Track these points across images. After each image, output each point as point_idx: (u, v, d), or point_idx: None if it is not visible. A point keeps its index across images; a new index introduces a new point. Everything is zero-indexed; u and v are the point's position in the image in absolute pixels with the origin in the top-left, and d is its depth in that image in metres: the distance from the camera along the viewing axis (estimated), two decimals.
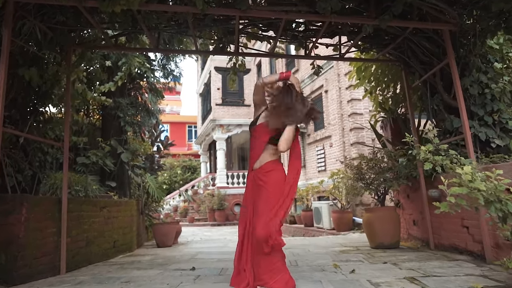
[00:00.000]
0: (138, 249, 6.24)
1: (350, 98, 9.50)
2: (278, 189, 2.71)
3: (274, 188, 2.69)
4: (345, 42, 4.90)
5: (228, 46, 4.67)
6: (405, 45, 4.42)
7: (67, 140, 4.05)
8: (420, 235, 5.12)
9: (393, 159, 5.16)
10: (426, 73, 4.44)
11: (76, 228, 4.24)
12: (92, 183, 5.74)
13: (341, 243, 5.94)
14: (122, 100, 7.03)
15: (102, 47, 4.51)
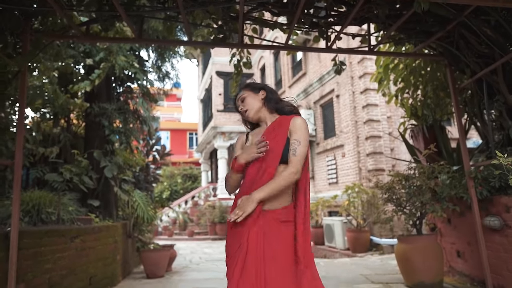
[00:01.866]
0: (124, 281, 5.26)
1: (366, 103, 8.54)
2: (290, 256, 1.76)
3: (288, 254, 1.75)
4: (373, 32, 3.96)
5: (231, 37, 3.73)
6: (456, 34, 3.47)
7: (19, 156, 3.09)
8: (467, 271, 4.13)
9: (432, 177, 4.18)
10: (481, 69, 3.48)
11: (33, 270, 3.28)
12: (69, 204, 4.80)
13: (365, 275, 4.95)
14: (108, 105, 6.10)
15: (68, 37, 3.57)
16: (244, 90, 2.04)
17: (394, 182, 4.33)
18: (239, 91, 2.07)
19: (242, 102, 2.01)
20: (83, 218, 4.88)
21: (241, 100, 2.02)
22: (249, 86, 2.05)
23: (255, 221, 1.72)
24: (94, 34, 3.59)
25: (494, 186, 3.61)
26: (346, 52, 3.92)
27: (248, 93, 2.02)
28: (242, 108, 2.01)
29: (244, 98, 2.01)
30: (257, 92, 2.01)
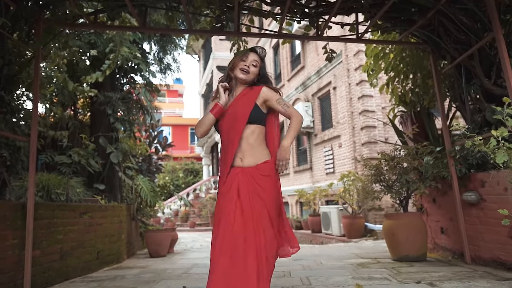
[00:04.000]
0: (128, 260, 5.58)
1: (361, 94, 8.81)
2: (277, 205, 2.12)
3: (273, 203, 2.08)
4: (361, 21, 4.24)
5: (228, 26, 4.01)
6: (436, 22, 3.74)
7: (34, 134, 3.40)
8: (450, 246, 4.41)
9: (418, 157, 4.46)
10: (460, 55, 3.76)
11: (47, 239, 3.59)
12: (76, 186, 5.10)
13: (356, 254, 5.24)
14: (112, 94, 6.39)
15: (78, 26, 3.86)
16: (260, 61, 2.27)
17: (382, 163, 4.61)
18: (255, 52, 2.28)
19: (253, 66, 2.22)
20: (90, 199, 5.19)
21: (254, 64, 2.22)
22: (263, 62, 2.30)
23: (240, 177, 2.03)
24: (101, 23, 3.87)
25: (472, 163, 3.89)
26: (335, 40, 4.20)
27: (258, 66, 2.26)
28: (247, 67, 2.19)
29: (256, 66, 2.24)
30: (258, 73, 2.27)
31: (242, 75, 2.20)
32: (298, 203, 11.90)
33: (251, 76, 2.23)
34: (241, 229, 1.91)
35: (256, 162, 2.07)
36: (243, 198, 1.99)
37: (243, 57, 2.25)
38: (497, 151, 1.74)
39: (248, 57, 2.24)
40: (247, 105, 2.11)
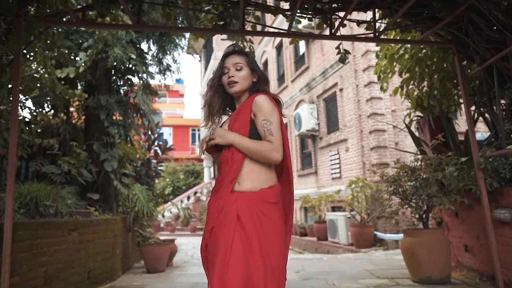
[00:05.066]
0: (124, 276, 5.18)
1: (370, 96, 8.39)
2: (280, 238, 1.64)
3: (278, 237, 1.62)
4: (378, 19, 3.83)
5: (231, 24, 3.61)
6: (465, 19, 3.33)
7: (13, 144, 2.99)
8: (476, 266, 4.01)
9: (439, 168, 4.05)
10: (492, 56, 3.35)
11: (28, 262, 3.20)
12: (67, 197, 4.71)
13: (370, 270, 4.84)
14: (108, 97, 5.99)
15: (64, 23, 3.47)
16: (244, 58, 1.82)
17: (400, 175, 4.21)
18: (232, 53, 1.83)
19: (237, 71, 1.78)
20: (82, 211, 4.79)
21: (237, 68, 1.78)
22: (247, 57, 1.83)
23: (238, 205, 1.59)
24: (90, 20, 3.47)
25: (504, 177, 3.49)
26: (351, 39, 3.80)
27: (244, 64, 1.80)
28: (232, 76, 1.77)
29: (242, 68, 1.79)
30: (251, 72, 1.82)
31: (232, 89, 1.78)
32: (303, 208, 11.50)
33: (242, 82, 1.79)
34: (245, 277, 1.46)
35: (259, 186, 1.63)
36: (246, 228, 1.54)
37: (223, 69, 1.82)
38: None
39: (227, 65, 1.81)
40: (244, 124, 1.69)
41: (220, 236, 1.55)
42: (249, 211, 1.58)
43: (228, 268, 1.43)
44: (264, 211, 1.60)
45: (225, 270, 1.43)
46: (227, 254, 1.46)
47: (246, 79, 1.79)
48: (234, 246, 1.48)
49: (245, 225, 1.54)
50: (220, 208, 1.63)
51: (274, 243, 1.58)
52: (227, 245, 1.49)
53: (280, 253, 1.61)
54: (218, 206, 1.64)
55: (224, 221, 1.57)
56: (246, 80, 1.79)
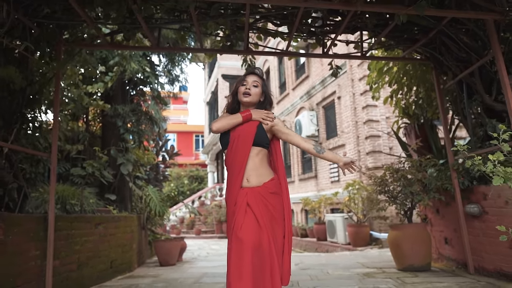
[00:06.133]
0: (139, 268, 5.72)
1: (366, 104, 8.95)
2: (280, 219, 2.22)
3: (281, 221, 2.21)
4: (366, 39, 4.40)
5: (237, 45, 4.18)
6: (437, 41, 3.89)
7: (55, 150, 3.57)
8: (454, 256, 4.52)
9: (421, 170, 4.59)
10: (461, 72, 3.90)
11: (65, 249, 3.74)
12: (89, 197, 5.26)
13: (362, 263, 5.35)
14: (123, 107, 6.58)
15: (96, 46, 4.06)
16: (260, 80, 2.34)
17: (386, 175, 4.74)
18: (253, 73, 2.36)
19: (254, 87, 2.30)
20: (103, 210, 5.35)
21: (254, 85, 2.30)
22: (263, 80, 2.37)
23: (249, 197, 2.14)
24: (117, 43, 4.06)
25: (474, 176, 4.02)
26: (341, 57, 4.35)
27: (260, 86, 2.32)
28: (248, 89, 2.28)
29: (257, 86, 2.31)
30: (261, 92, 2.35)
31: (246, 98, 2.29)
32: (303, 211, 12.01)
33: (254, 97, 2.31)
34: (256, 239, 2.01)
35: (262, 181, 2.18)
36: (256, 212, 2.08)
37: (243, 81, 2.34)
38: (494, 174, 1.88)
39: (248, 80, 2.32)
40: (252, 128, 2.22)
41: (237, 217, 2.10)
42: (256, 201, 2.13)
43: (240, 230, 1.99)
44: (268, 199, 2.16)
45: (238, 231, 2.00)
46: (241, 223, 2.03)
47: (256, 95, 2.33)
48: (246, 220, 2.06)
49: (254, 210, 2.10)
50: (234, 201, 2.18)
51: (276, 222, 2.15)
52: (241, 219, 2.05)
53: (281, 230, 2.17)
54: (233, 199, 2.20)
55: (239, 210, 2.13)
56: (256, 96, 2.33)
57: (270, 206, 2.15)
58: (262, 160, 2.24)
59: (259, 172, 2.20)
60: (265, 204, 2.14)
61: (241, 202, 2.14)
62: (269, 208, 2.15)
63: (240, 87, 2.34)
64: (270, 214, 2.14)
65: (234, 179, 2.20)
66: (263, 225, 2.06)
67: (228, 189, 2.27)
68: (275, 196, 2.20)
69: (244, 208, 2.11)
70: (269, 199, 2.16)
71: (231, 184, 2.23)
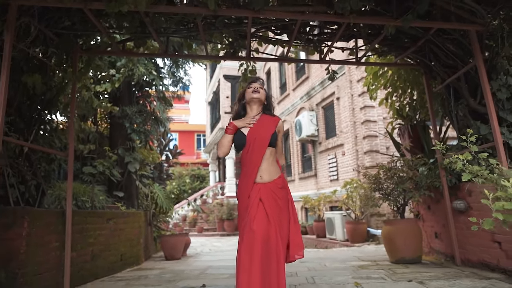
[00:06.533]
0: (146, 262, 6.02)
1: (363, 105, 9.24)
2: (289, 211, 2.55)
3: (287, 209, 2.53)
4: (361, 45, 4.68)
5: (240, 51, 4.48)
6: (426, 48, 4.18)
7: (71, 150, 3.87)
8: (443, 249, 4.81)
9: (413, 168, 4.88)
10: (449, 77, 4.19)
11: (81, 242, 4.05)
12: (99, 194, 5.56)
13: (358, 257, 5.65)
14: (130, 108, 6.88)
15: (109, 53, 4.36)
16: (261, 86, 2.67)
17: (380, 173, 5.03)
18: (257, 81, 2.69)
19: (260, 88, 2.63)
20: (112, 206, 5.65)
21: (260, 87, 2.65)
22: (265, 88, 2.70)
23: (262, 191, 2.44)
24: (128, 50, 4.35)
25: (461, 174, 4.30)
26: (337, 63, 4.64)
27: (263, 90, 2.66)
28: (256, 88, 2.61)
29: (262, 88, 2.65)
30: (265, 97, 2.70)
31: (256, 95, 2.62)
32: (304, 208, 12.30)
33: (262, 95, 2.65)
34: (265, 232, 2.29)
35: (272, 178, 2.49)
36: (266, 207, 2.38)
37: (248, 86, 2.69)
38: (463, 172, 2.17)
39: (253, 84, 2.68)
40: (268, 132, 2.53)
41: (250, 210, 2.39)
42: (267, 196, 2.43)
43: (253, 222, 2.30)
44: (277, 193, 2.47)
45: (252, 222, 2.30)
46: (254, 215, 2.33)
47: (263, 95, 2.67)
48: (258, 214, 2.35)
49: (265, 205, 2.40)
50: (248, 194, 2.47)
51: (282, 212, 2.46)
52: (254, 212, 2.35)
53: (286, 217, 2.49)
54: (246, 193, 2.48)
55: (252, 204, 2.41)
56: (263, 95, 2.67)
57: (278, 199, 2.46)
58: (273, 159, 2.56)
59: (270, 170, 2.51)
60: (274, 198, 2.44)
61: (254, 196, 2.43)
62: (278, 202, 2.45)
63: (248, 89, 2.67)
64: (279, 207, 2.44)
65: (248, 175, 2.49)
66: (272, 219, 2.35)
67: (242, 184, 2.55)
68: (282, 190, 2.52)
69: (257, 202, 2.40)
70: (278, 193, 2.48)
71: (246, 180, 2.51)
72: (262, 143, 2.50)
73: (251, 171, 2.48)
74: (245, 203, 2.45)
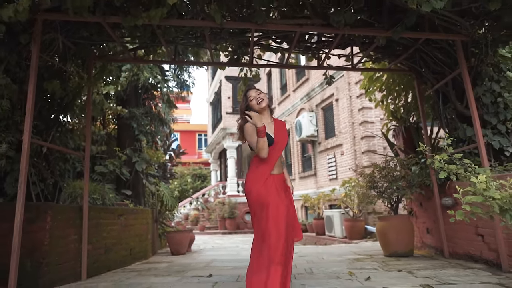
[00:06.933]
0: (153, 257, 6.34)
1: (361, 106, 9.54)
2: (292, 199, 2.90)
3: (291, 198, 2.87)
4: (357, 52, 4.99)
5: (243, 58, 4.78)
6: (417, 56, 4.49)
7: (88, 150, 4.19)
8: (434, 244, 5.12)
9: (405, 167, 5.19)
10: (438, 83, 4.50)
11: (95, 236, 4.36)
12: (109, 192, 5.87)
13: (354, 251, 5.96)
14: (136, 110, 7.20)
15: (121, 60, 4.67)
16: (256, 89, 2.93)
17: (375, 172, 5.34)
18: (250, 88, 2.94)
19: (259, 94, 2.86)
20: (121, 204, 5.96)
21: (258, 93, 2.88)
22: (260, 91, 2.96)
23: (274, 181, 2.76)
24: (139, 57, 4.66)
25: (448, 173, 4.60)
26: (334, 69, 4.95)
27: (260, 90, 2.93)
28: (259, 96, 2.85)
29: (260, 93, 2.88)
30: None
31: (263, 104, 2.85)
32: (304, 207, 12.61)
33: (266, 99, 2.89)
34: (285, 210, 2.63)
35: (280, 172, 2.84)
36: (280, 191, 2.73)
37: (249, 98, 2.89)
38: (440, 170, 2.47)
39: (252, 94, 2.89)
40: (286, 135, 2.91)
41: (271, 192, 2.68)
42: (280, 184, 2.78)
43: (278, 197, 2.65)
44: (282, 183, 2.83)
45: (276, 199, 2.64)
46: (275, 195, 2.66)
47: (266, 98, 2.90)
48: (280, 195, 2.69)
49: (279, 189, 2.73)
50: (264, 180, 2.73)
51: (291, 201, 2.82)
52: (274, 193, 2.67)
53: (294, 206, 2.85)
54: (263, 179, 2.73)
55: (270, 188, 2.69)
56: (267, 99, 2.90)
57: (286, 188, 2.85)
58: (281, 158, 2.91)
59: (279, 166, 2.85)
60: (282, 186, 2.81)
61: (270, 183, 2.73)
62: (285, 190, 2.83)
63: (250, 102, 2.89)
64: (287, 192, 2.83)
65: (267, 168, 2.76)
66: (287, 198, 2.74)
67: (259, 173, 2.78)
68: (284, 182, 2.88)
69: (275, 187, 2.72)
70: (283, 184, 2.85)
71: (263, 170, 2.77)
72: (283, 144, 2.85)
73: (270, 165, 2.76)
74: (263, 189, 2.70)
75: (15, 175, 3.81)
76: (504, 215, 2.16)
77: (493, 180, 2.26)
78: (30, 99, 3.11)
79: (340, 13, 3.43)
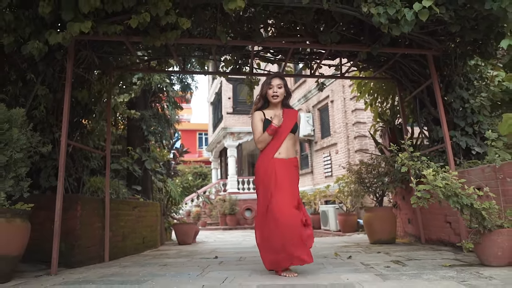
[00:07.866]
0: (162, 246, 6.96)
1: (354, 108, 10.16)
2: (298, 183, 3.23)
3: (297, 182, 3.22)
4: (345, 62, 5.60)
5: (244, 67, 5.40)
6: (396, 66, 5.11)
7: (108, 149, 4.82)
8: (413, 232, 5.75)
9: (389, 164, 5.81)
10: (415, 90, 5.11)
11: (115, 224, 4.98)
12: (122, 187, 6.50)
13: (344, 241, 6.59)
14: (145, 112, 7.82)
15: (137, 70, 5.28)
16: (282, 82, 3.11)
17: (362, 169, 5.97)
18: (276, 76, 3.15)
19: (279, 88, 3.08)
20: (133, 198, 6.58)
21: (279, 87, 3.08)
22: (284, 81, 3.17)
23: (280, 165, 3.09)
24: (152, 67, 5.28)
25: None
26: (324, 77, 5.57)
27: (282, 85, 3.10)
28: (276, 92, 3.08)
29: (281, 87, 3.10)
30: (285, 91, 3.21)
31: (274, 100, 3.12)
32: None
33: (280, 97, 3.18)
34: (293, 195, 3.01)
35: (288, 156, 3.12)
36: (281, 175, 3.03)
37: (269, 85, 3.10)
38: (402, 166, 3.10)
39: (273, 83, 3.10)
40: (291, 122, 3.15)
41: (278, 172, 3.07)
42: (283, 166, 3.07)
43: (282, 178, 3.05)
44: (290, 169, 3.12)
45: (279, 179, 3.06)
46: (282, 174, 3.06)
47: (282, 95, 3.22)
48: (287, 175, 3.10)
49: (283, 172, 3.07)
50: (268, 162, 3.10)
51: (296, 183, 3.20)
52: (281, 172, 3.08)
53: (298, 190, 3.22)
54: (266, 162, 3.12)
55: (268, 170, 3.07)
56: (282, 95, 3.21)
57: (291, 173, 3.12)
58: (292, 143, 3.21)
59: (287, 150, 3.13)
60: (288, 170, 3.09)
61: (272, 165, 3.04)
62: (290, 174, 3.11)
63: (268, 90, 3.14)
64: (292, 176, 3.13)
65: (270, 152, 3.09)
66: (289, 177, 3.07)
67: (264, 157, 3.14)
68: (295, 169, 3.19)
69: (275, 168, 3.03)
70: (291, 169, 3.13)
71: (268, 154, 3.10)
72: (285, 130, 3.11)
73: (273, 149, 3.09)
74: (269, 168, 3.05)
75: (48, 171, 4.44)
76: (448, 200, 2.78)
77: (440, 173, 2.89)
78: (66, 107, 3.72)
79: (327, 34, 4.05)
